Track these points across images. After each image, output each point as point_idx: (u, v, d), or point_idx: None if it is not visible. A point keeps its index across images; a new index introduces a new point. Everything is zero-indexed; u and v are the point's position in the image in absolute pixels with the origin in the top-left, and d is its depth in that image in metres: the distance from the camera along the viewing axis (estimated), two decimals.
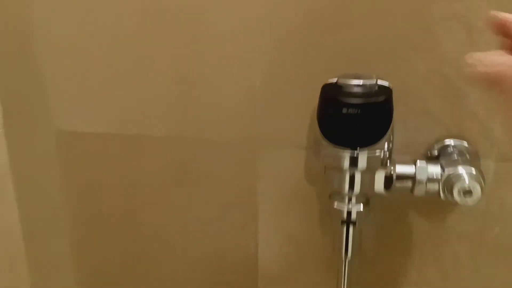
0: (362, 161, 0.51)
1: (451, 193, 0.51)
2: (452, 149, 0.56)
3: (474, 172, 0.51)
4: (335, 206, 0.56)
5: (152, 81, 0.61)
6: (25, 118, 0.66)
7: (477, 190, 0.50)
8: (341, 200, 0.55)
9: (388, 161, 0.53)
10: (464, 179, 0.50)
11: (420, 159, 0.54)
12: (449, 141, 0.57)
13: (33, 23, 0.61)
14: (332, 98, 0.50)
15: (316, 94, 0.51)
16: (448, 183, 0.52)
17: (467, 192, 0.50)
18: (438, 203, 0.55)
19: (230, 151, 0.62)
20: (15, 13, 0.61)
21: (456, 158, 0.54)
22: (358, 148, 0.51)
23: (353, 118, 0.49)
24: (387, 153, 0.52)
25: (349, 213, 0.55)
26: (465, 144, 0.56)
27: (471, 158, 0.55)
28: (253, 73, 0.58)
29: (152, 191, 0.67)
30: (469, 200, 0.50)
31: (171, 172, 0.65)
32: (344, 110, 0.48)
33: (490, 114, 0.54)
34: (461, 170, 0.51)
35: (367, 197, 0.56)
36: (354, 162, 0.51)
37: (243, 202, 0.64)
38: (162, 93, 0.62)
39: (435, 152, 0.57)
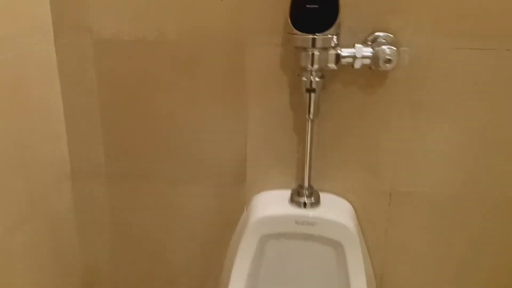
0: (319, 43, 0.77)
1: (378, 64, 0.78)
2: (380, 39, 0.82)
3: (393, 49, 0.77)
4: (302, 78, 0.81)
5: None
6: (70, 30, 0.88)
7: (394, 59, 0.77)
8: (306, 74, 0.81)
9: (337, 44, 0.79)
10: (386, 53, 0.77)
11: (361, 45, 0.80)
12: (378, 33, 0.82)
13: None
14: (300, 2, 0.74)
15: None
16: (376, 57, 0.78)
17: (388, 61, 0.77)
18: (370, 74, 0.82)
19: (226, 48, 0.86)
20: None
21: (384, 40, 0.80)
22: (316, 33, 0.76)
23: (313, 11, 0.74)
24: (336, 37, 0.77)
25: (311, 83, 0.81)
26: (390, 35, 0.82)
27: (393, 44, 0.81)
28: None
29: (166, 83, 0.90)
30: (389, 66, 0.77)
31: (182, 68, 0.88)
32: (308, 5, 0.73)
33: (408, 14, 0.80)
34: (384, 48, 0.77)
35: (323, 72, 0.81)
36: (314, 43, 0.77)
37: (236, 82, 0.88)
38: (175, 6, 0.84)
39: (369, 40, 0.82)
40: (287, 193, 0.93)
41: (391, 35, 0.82)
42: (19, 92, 0.79)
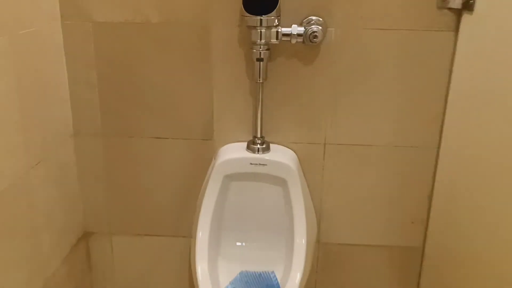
0: (265, 22, 1.03)
1: (309, 39, 1.04)
2: (313, 21, 1.09)
3: (319, 27, 1.04)
4: (253, 51, 1.08)
5: None
6: (74, 14, 1.13)
7: (319, 35, 1.03)
8: (256, 47, 1.07)
9: (278, 24, 1.05)
10: (313, 30, 1.03)
11: (296, 25, 1.07)
12: (311, 17, 1.09)
13: None
14: None
15: None
16: (307, 34, 1.05)
17: (315, 36, 1.03)
18: (306, 49, 1.08)
19: (196, 29, 1.12)
20: None
21: (315, 22, 1.07)
22: (262, 15, 1.02)
23: None
24: (277, 19, 1.04)
25: (260, 53, 1.07)
26: (320, 20, 1.09)
27: (322, 25, 1.08)
28: None
29: (149, 57, 1.15)
30: (316, 40, 1.04)
31: (161, 44, 1.14)
32: None
33: (334, 4, 1.07)
34: (313, 27, 1.04)
35: (268, 46, 1.08)
36: (261, 23, 1.03)
37: (204, 56, 1.14)
38: None
39: (305, 22, 1.09)
40: (245, 144, 1.19)
41: (321, 19, 1.09)
42: (32, 64, 1.03)
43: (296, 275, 1.07)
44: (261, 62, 1.08)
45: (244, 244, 1.22)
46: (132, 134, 1.22)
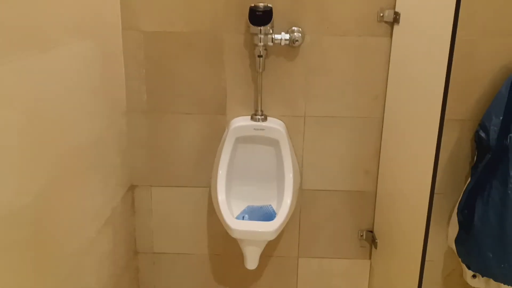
0: (263, 31, 1.56)
1: (292, 42, 1.57)
2: (295, 29, 1.62)
3: (299, 34, 1.57)
4: (255, 50, 1.60)
5: (199, 2, 1.61)
6: (129, 26, 1.63)
7: (300, 40, 1.56)
8: (257, 48, 1.59)
9: (272, 32, 1.58)
10: (295, 37, 1.56)
11: (284, 33, 1.59)
12: (294, 28, 1.62)
13: None
14: (253, 9, 1.53)
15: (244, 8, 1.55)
16: (291, 39, 1.58)
17: (296, 41, 1.56)
18: (290, 49, 1.61)
19: (213, 35, 1.64)
20: None
21: (296, 31, 1.60)
22: (261, 26, 1.55)
23: (260, 15, 1.53)
24: (271, 28, 1.57)
25: (260, 52, 1.59)
26: (300, 29, 1.62)
27: (301, 33, 1.60)
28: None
29: (178, 56, 1.65)
30: (297, 43, 1.57)
31: (188, 47, 1.65)
32: (257, 13, 1.53)
33: (308, 20, 1.60)
34: (295, 34, 1.57)
35: (266, 47, 1.60)
36: (260, 31, 1.56)
37: (219, 55, 1.65)
38: (183, 13, 1.62)
39: (290, 31, 1.62)
40: (249, 117, 1.70)
41: (300, 29, 1.62)
42: (105, 60, 1.52)
43: (287, 201, 1.57)
44: (261, 58, 1.60)
45: (249, 187, 1.72)
46: (168, 111, 1.72)
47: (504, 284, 1.61)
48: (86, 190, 1.37)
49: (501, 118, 1.57)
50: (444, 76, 1.16)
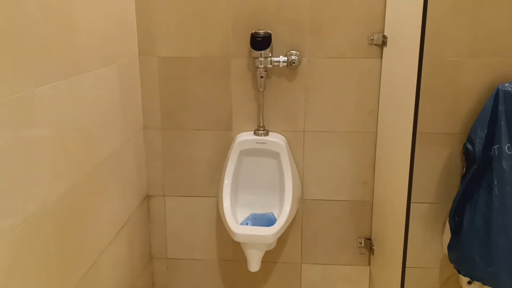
0: (263, 55, 1.73)
1: (290, 64, 1.75)
2: (293, 53, 1.79)
3: (296, 57, 1.74)
4: (256, 72, 1.78)
5: (209, 31, 1.81)
6: (145, 52, 1.84)
7: (297, 62, 1.74)
8: (258, 70, 1.77)
9: (271, 55, 1.75)
10: (292, 59, 1.74)
11: (282, 56, 1.77)
12: (292, 51, 1.79)
13: None
14: (254, 36, 1.72)
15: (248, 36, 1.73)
16: (289, 61, 1.75)
17: (293, 63, 1.74)
18: (289, 71, 1.79)
19: (221, 60, 1.82)
20: None
21: (294, 54, 1.77)
22: (262, 51, 1.73)
23: (260, 41, 1.71)
24: (271, 52, 1.74)
25: (261, 73, 1.77)
26: (297, 52, 1.80)
27: (298, 56, 1.78)
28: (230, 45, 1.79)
29: (191, 78, 1.85)
30: (294, 65, 1.74)
31: (200, 70, 1.84)
32: (257, 39, 1.71)
33: (305, 45, 1.77)
34: (292, 57, 1.75)
35: (266, 69, 1.78)
36: (261, 55, 1.74)
37: (226, 77, 1.84)
38: (197, 41, 1.81)
39: (288, 54, 1.79)
40: (252, 132, 1.86)
41: (298, 52, 1.79)
42: (123, 86, 1.71)
43: (287, 208, 1.72)
44: (262, 79, 1.78)
45: (253, 196, 1.88)
46: (180, 127, 1.90)
47: (491, 287, 1.71)
48: (106, 196, 1.55)
49: (485, 131, 1.70)
50: (414, 91, 1.30)
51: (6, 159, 1.00)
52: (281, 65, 1.76)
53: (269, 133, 1.85)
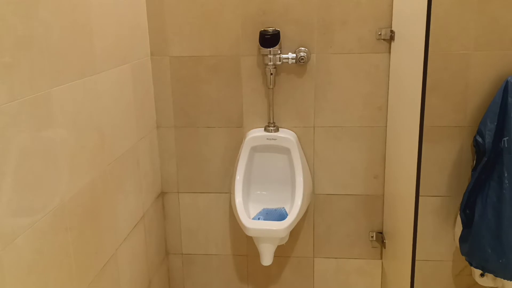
0: (272, 52, 1.76)
1: (299, 61, 1.77)
2: (302, 49, 1.82)
3: (305, 53, 1.77)
4: (266, 69, 1.81)
5: (219, 31, 1.84)
6: (157, 52, 1.88)
7: (306, 59, 1.76)
8: (268, 67, 1.80)
9: (280, 52, 1.78)
10: (301, 55, 1.76)
11: (291, 53, 1.80)
12: (301, 48, 1.82)
13: None
14: (262, 33, 1.75)
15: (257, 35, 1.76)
16: (297, 58, 1.78)
17: (302, 59, 1.76)
18: (298, 67, 1.81)
19: (232, 58, 1.86)
20: None
21: (303, 51, 1.80)
22: (271, 48, 1.76)
23: (269, 38, 1.74)
24: (279, 49, 1.77)
25: (270, 70, 1.80)
26: (306, 49, 1.82)
27: (307, 52, 1.80)
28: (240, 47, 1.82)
29: (203, 77, 1.88)
30: (303, 61, 1.76)
31: (211, 69, 1.87)
32: (266, 36, 1.74)
33: (313, 41, 1.80)
34: (301, 53, 1.77)
35: (275, 66, 1.80)
36: (270, 52, 1.77)
37: (237, 75, 1.87)
38: (208, 41, 1.85)
39: (297, 51, 1.82)
40: (263, 128, 1.90)
41: (306, 48, 1.82)
42: (136, 86, 1.75)
43: (298, 202, 1.75)
44: (271, 76, 1.80)
45: (264, 192, 1.91)
46: (192, 125, 1.94)
47: (503, 278, 1.71)
48: (122, 193, 1.59)
49: (495, 123, 1.70)
50: (421, 85, 1.32)
51: (25, 158, 1.05)
52: (290, 62, 1.78)
53: (280, 129, 1.88)
